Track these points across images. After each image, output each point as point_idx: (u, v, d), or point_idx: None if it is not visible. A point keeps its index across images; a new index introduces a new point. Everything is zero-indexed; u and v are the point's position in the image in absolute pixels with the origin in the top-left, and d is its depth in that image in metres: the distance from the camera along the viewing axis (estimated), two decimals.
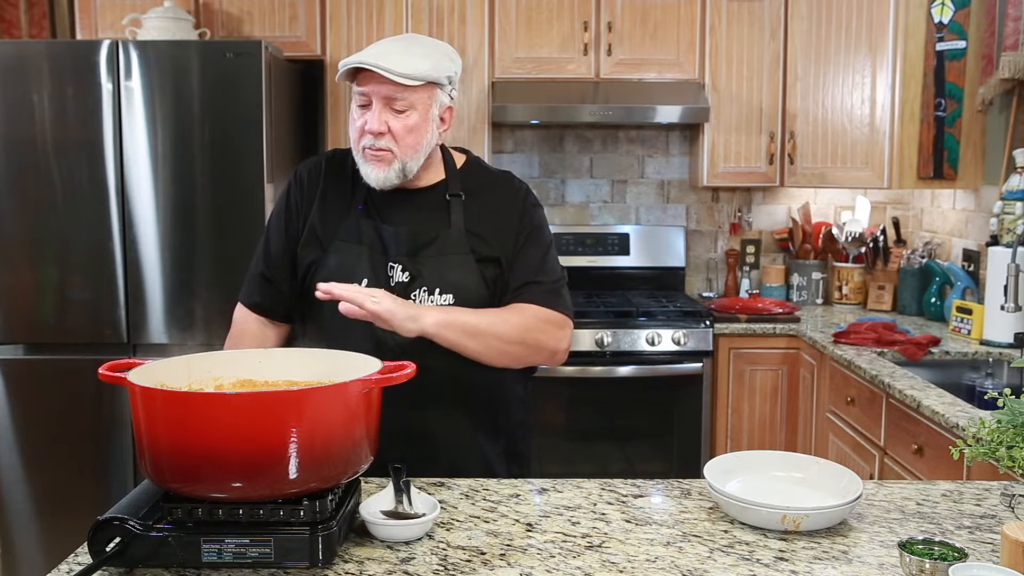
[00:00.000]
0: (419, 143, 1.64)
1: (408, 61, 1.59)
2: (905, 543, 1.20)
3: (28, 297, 3.07)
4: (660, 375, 3.37)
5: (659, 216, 4.04)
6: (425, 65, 1.60)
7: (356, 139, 1.65)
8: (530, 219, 1.74)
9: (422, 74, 1.60)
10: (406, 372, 1.28)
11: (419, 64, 1.60)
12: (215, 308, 3.04)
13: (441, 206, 1.70)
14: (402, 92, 1.60)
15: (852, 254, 3.80)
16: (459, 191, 1.71)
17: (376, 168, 1.64)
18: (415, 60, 1.60)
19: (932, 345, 2.88)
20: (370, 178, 1.65)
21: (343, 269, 1.65)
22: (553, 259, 1.74)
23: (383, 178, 1.64)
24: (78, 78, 2.99)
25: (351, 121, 1.67)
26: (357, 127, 1.64)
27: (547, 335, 1.67)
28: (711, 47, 3.61)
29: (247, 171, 3.02)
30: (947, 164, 3.32)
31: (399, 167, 1.64)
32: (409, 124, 1.62)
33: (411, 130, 1.62)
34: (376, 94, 1.60)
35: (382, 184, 1.65)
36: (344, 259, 1.66)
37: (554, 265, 1.74)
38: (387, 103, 1.61)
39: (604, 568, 1.22)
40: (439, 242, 1.66)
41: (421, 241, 1.66)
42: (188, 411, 1.16)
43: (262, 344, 1.73)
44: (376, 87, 1.60)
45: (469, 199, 1.71)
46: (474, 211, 1.70)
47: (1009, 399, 1.33)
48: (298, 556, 1.18)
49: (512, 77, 3.60)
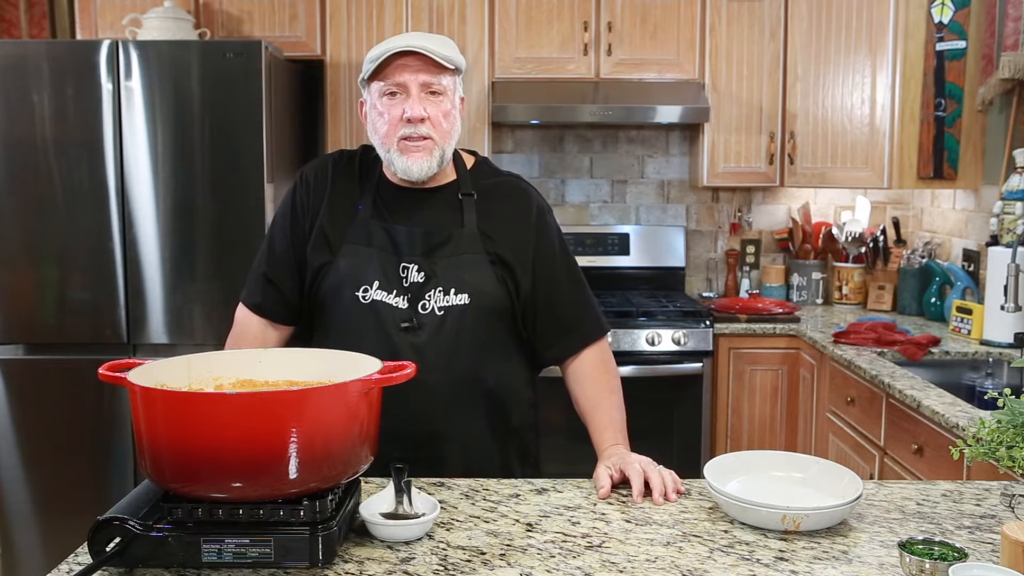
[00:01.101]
0: (452, 129, 1.66)
1: (440, 44, 1.62)
2: (905, 543, 1.20)
3: (28, 297, 3.07)
4: (660, 375, 3.37)
5: (659, 216, 4.04)
6: (450, 51, 1.63)
7: (389, 131, 1.62)
8: (546, 233, 1.75)
9: (453, 58, 1.62)
10: (406, 372, 1.28)
11: (449, 48, 1.63)
12: (215, 308, 3.04)
13: (454, 206, 1.69)
14: (438, 76, 1.61)
15: (852, 254, 3.80)
16: (471, 191, 1.71)
17: (418, 158, 1.62)
18: (445, 45, 1.63)
19: (932, 345, 2.88)
20: (411, 171, 1.63)
21: (353, 272, 1.64)
22: (579, 272, 1.80)
23: (426, 168, 1.63)
24: (78, 78, 2.99)
25: (376, 116, 1.64)
26: (390, 118, 1.61)
27: (614, 364, 1.80)
28: (711, 47, 3.61)
29: (247, 171, 3.02)
30: (947, 164, 3.32)
31: (439, 155, 1.64)
32: (444, 109, 1.63)
33: (446, 115, 1.64)
34: (414, 81, 1.60)
35: (426, 174, 1.64)
36: (354, 261, 1.65)
37: (583, 282, 1.80)
38: (424, 88, 1.61)
39: (604, 568, 1.22)
40: (453, 242, 1.65)
41: (435, 241, 1.65)
42: (188, 411, 1.16)
43: (263, 345, 1.72)
44: (413, 75, 1.59)
45: (480, 199, 1.71)
46: (486, 212, 1.70)
47: (1009, 399, 1.33)
48: (298, 556, 1.18)
49: (512, 77, 3.60)
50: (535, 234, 1.73)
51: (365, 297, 1.63)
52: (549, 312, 1.73)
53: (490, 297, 1.65)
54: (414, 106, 1.59)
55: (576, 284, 1.77)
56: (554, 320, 1.73)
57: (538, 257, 1.72)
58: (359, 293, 1.64)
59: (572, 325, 1.74)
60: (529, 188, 1.79)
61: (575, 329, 1.75)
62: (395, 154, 1.63)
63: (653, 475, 1.48)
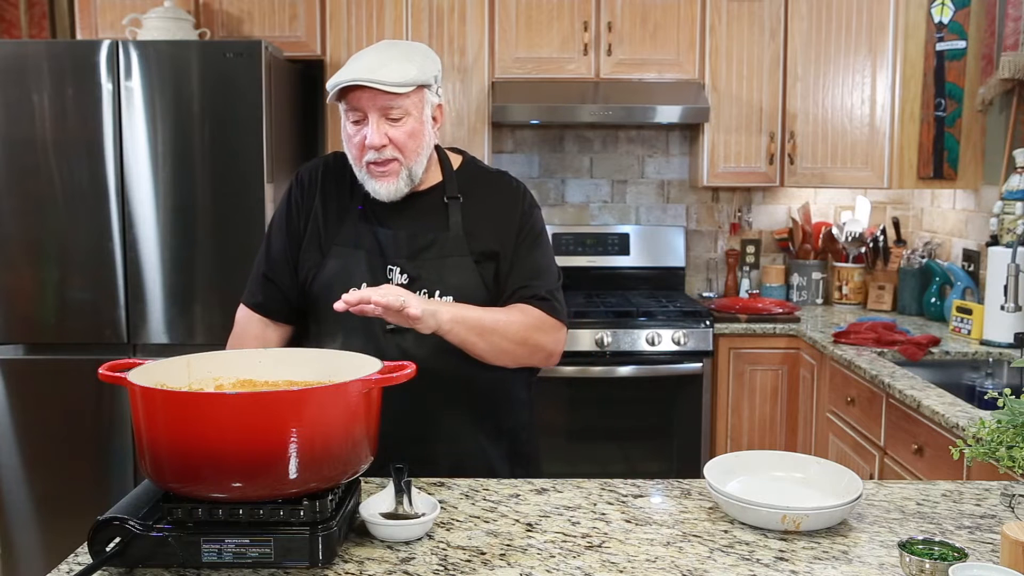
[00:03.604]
0: (420, 146, 1.66)
1: (395, 68, 1.59)
2: (905, 543, 1.20)
3: (28, 297, 3.07)
4: (660, 375, 3.37)
5: (659, 216, 4.04)
6: (412, 70, 1.61)
7: (357, 156, 1.65)
8: (530, 221, 1.75)
9: (411, 79, 1.60)
10: (406, 372, 1.28)
11: (406, 70, 1.60)
12: (215, 308, 3.04)
13: (439, 208, 1.71)
14: (396, 101, 1.60)
15: (852, 254, 3.80)
16: (457, 193, 1.72)
17: (385, 182, 1.64)
18: (401, 67, 1.60)
19: (932, 345, 2.88)
20: (380, 194, 1.65)
21: (341, 273, 1.66)
22: (552, 263, 1.76)
23: (393, 191, 1.65)
24: (78, 78, 2.99)
25: (346, 138, 1.66)
26: (355, 144, 1.64)
27: (547, 337, 1.69)
28: (711, 47, 3.61)
29: (247, 171, 3.02)
30: (947, 164, 3.32)
31: (406, 175, 1.65)
32: (408, 130, 1.63)
33: (411, 135, 1.63)
34: (371, 108, 1.60)
35: (393, 196, 1.66)
36: (342, 263, 1.67)
37: (552, 269, 1.75)
38: (383, 114, 1.61)
39: (604, 568, 1.22)
40: (438, 244, 1.67)
41: (420, 243, 1.67)
42: (188, 411, 1.16)
43: (264, 345, 1.73)
44: (369, 101, 1.60)
45: (467, 200, 1.72)
46: (472, 212, 1.71)
47: (1009, 399, 1.33)
48: (298, 556, 1.18)
49: (512, 77, 3.60)
50: (520, 219, 1.73)
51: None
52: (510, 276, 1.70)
53: (474, 299, 1.65)
54: (372, 134, 1.60)
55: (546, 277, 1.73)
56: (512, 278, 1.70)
57: (519, 243, 1.71)
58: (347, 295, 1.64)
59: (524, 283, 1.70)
60: (518, 184, 1.80)
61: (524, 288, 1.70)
62: (365, 176, 1.66)
63: (369, 291, 1.46)
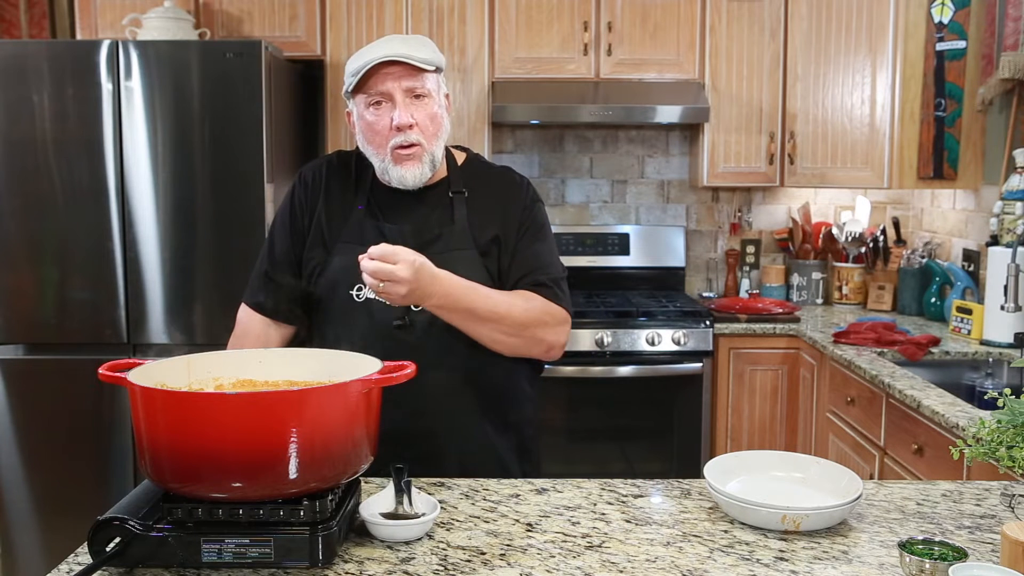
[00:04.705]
0: (439, 130, 1.67)
1: (417, 47, 1.62)
2: (905, 543, 1.20)
3: (28, 297, 3.07)
4: (660, 375, 3.37)
5: (659, 216, 4.04)
6: (428, 52, 1.64)
7: (381, 142, 1.64)
8: (532, 214, 1.75)
9: (431, 59, 1.64)
10: (406, 372, 1.28)
11: (423, 51, 1.63)
12: (215, 308, 3.04)
13: (444, 203, 1.71)
14: (421, 79, 1.62)
15: (852, 254, 3.80)
16: (461, 188, 1.73)
17: (411, 167, 1.65)
18: (419, 47, 1.63)
19: (932, 345, 2.88)
20: (406, 180, 1.65)
21: (346, 270, 1.66)
22: (555, 255, 1.76)
23: (419, 175, 1.66)
24: (78, 78, 2.99)
25: (366, 127, 1.65)
26: (379, 129, 1.63)
27: (548, 328, 1.68)
28: (711, 47, 3.61)
29: (247, 171, 3.02)
30: (947, 164, 3.32)
31: (429, 159, 1.66)
32: (431, 112, 1.65)
33: (433, 118, 1.65)
34: (396, 89, 1.61)
35: (419, 181, 1.66)
36: (346, 260, 1.66)
37: (556, 261, 1.75)
38: (408, 93, 1.62)
39: (604, 568, 1.22)
40: (443, 239, 1.67)
41: (425, 239, 1.67)
42: (188, 411, 1.16)
43: (265, 345, 1.73)
44: (395, 81, 1.61)
45: (471, 196, 1.73)
46: (477, 207, 1.72)
47: (1009, 399, 1.33)
48: (298, 556, 1.18)
49: (512, 77, 3.60)
50: (521, 208, 1.73)
51: (359, 295, 1.66)
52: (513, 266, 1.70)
53: None
54: (401, 114, 1.61)
55: (550, 268, 1.72)
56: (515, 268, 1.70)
57: (521, 235, 1.72)
58: (353, 292, 1.66)
59: (527, 272, 1.70)
60: (521, 178, 1.80)
61: (526, 276, 1.70)
62: (389, 164, 1.65)
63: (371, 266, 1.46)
